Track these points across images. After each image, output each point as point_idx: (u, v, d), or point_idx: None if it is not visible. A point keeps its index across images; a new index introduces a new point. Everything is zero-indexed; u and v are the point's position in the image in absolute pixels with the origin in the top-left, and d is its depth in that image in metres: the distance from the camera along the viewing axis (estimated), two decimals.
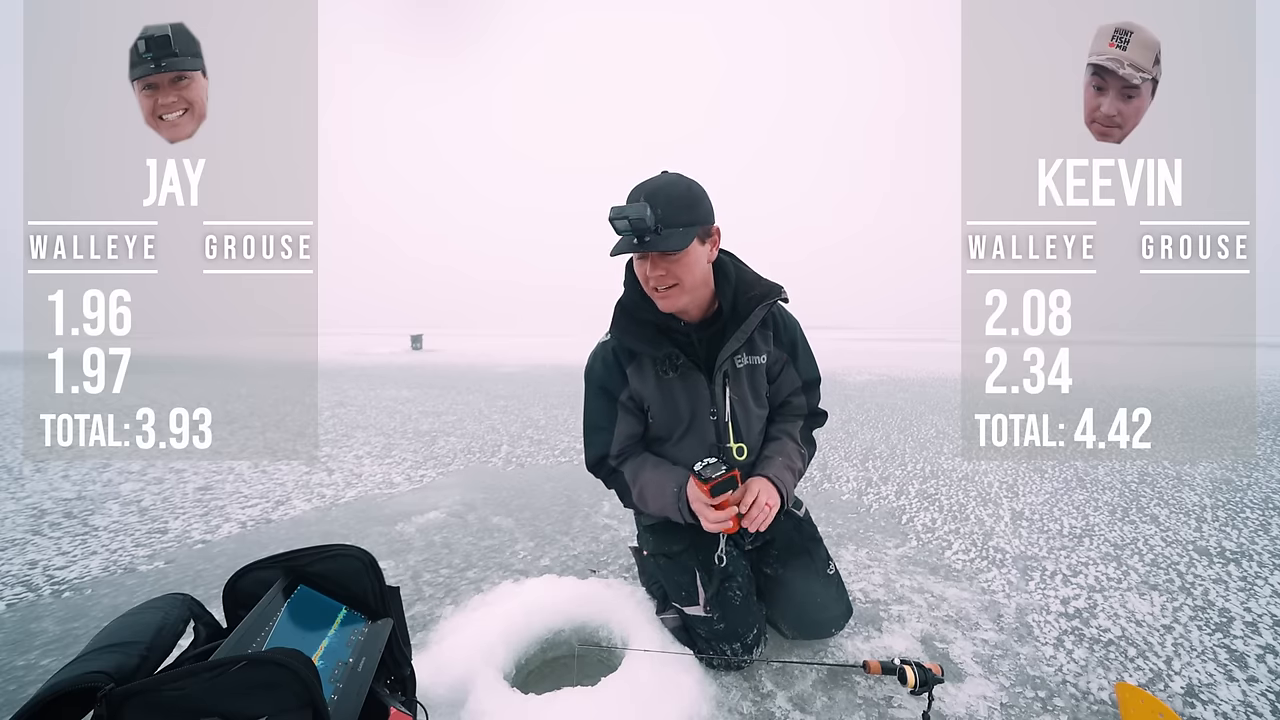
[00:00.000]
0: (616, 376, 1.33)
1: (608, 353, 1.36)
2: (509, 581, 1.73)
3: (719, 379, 1.28)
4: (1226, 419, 4.84)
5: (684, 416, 1.31)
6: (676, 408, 1.30)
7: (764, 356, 1.34)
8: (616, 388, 1.34)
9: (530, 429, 4.49)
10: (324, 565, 1.03)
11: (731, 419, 1.31)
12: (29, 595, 1.76)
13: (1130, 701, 1.19)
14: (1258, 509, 2.50)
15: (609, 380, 1.34)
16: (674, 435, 1.33)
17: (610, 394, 1.34)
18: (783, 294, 1.29)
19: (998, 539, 2.16)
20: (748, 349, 1.32)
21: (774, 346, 1.36)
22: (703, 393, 1.29)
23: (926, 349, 17.97)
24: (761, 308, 1.26)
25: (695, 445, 1.32)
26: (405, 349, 19.29)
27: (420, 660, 1.23)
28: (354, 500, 2.71)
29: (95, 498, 2.75)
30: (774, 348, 1.36)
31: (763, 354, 1.34)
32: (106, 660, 0.75)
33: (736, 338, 1.25)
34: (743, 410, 1.33)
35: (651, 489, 1.28)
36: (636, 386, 1.32)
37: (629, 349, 1.32)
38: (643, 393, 1.32)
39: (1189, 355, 14.83)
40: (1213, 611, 1.62)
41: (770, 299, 1.27)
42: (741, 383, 1.32)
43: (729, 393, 1.30)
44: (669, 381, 1.29)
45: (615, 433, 1.34)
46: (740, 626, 1.30)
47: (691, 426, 1.31)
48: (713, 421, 1.30)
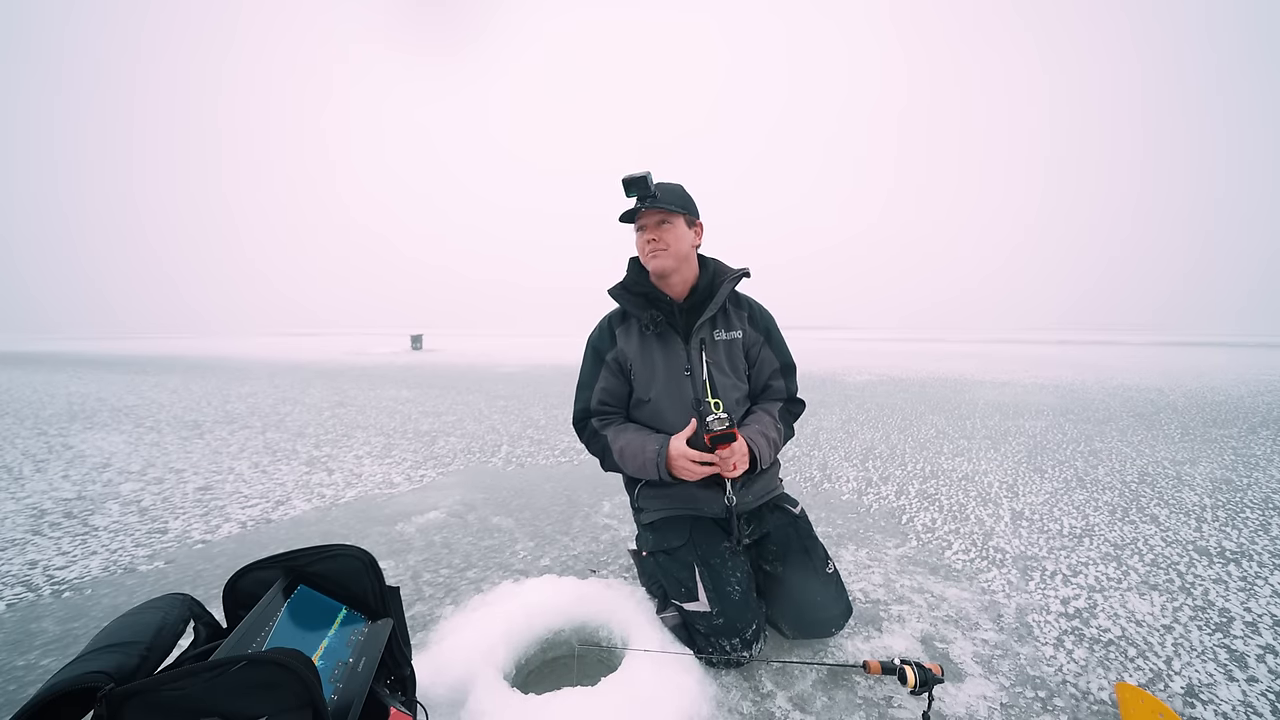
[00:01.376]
0: (607, 338, 1.55)
1: (604, 321, 1.60)
2: (509, 581, 1.73)
3: (695, 343, 1.46)
4: (1226, 419, 4.84)
5: (659, 374, 1.47)
6: (654, 364, 1.48)
7: (739, 333, 1.52)
8: (605, 348, 1.54)
9: (530, 429, 4.49)
10: (324, 565, 1.03)
11: (709, 380, 1.46)
12: (29, 595, 1.76)
13: (1130, 701, 1.19)
14: (1258, 509, 2.50)
15: (600, 342, 1.56)
16: (652, 392, 1.47)
17: (599, 353, 1.55)
18: (748, 272, 1.54)
19: (998, 539, 2.16)
20: (723, 324, 1.52)
21: (749, 326, 1.55)
22: (679, 353, 1.46)
23: (925, 349, 17.97)
24: (730, 281, 1.49)
25: (673, 401, 1.46)
26: (405, 349, 19.30)
27: (420, 660, 1.23)
28: (354, 500, 2.71)
29: (95, 498, 2.75)
30: (749, 327, 1.55)
31: (737, 330, 1.52)
32: (106, 660, 0.75)
33: (710, 307, 1.45)
34: (719, 374, 1.48)
35: (632, 449, 1.42)
36: (622, 346, 1.51)
37: (622, 312, 1.56)
38: (627, 351, 1.51)
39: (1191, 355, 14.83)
40: (1213, 611, 1.62)
41: (738, 275, 1.52)
42: (719, 352, 1.49)
43: (705, 356, 1.47)
44: (649, 340, 1.49)
45: (595, 387, 1.54)
46: (739, 621, 1.30)
47: (668, 383, 1.46)
48: (688, 377, 1.45)
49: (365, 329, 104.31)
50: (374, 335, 47.12)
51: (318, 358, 14.88)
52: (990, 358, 13.30)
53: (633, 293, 1.52)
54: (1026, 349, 17.99)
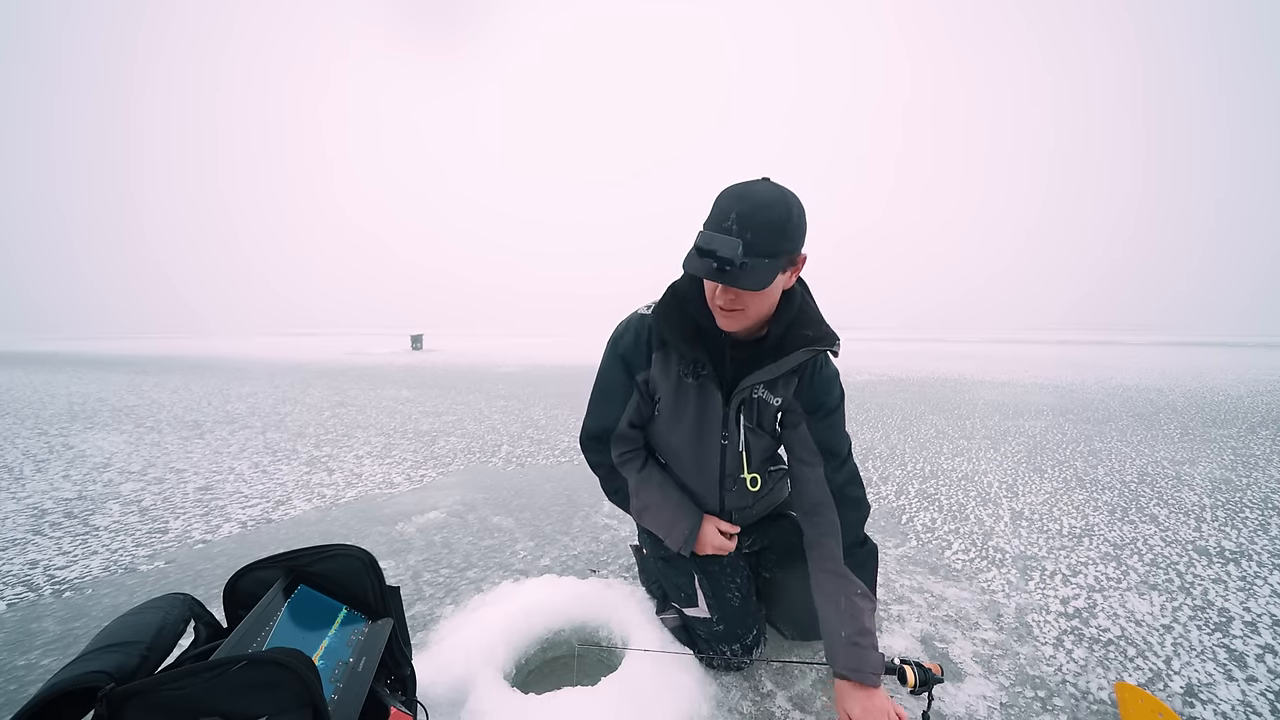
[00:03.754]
0: (643, 353, 1.24)
1: (643, 327, 1.24)
2: (509, 581, 1.73)
3: (735, 402, 1.20)
4: (1226, 419, 4.84)
5: (689, 430, 1.24)
6: (686, 417, 1.24)
7: (780, 399, 1.23)
8: (638, 365, 1.25)
9: (530, 429, 4.49)
10: (324, 565, 1.03)
11: (745, 448, 1.24)
12: (29, 595, 1.76)
13: (1130, 701, 1.19)
14: (1257, 509, 2.50)
15: (634, 355, 1.25)
16: (675, 439, 1.28)
17: (630, 369, 1.26)
18: (836, 344, 1.15)
19: (997, 539, 2.16)
20: (769, 387, 1.22)
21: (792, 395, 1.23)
22: (716, 412, 1.21)
23: (926, 349, 17.97)
24: (806, 350, 1.12)
25: (695, 455, 1.27)
26: (405, 349, 19.30)
27: (420, 660, 1.23)
28: (354, 500, 2.71)
29: (96, 498, 2.76)
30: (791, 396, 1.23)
31: (780, 396, 1.23)
32: (107, 660, 0.75)
33: (769, 370, 1.14)
34: (754, 438, 1.25)
35: (656, 515, 1.28)
36: (656, 374, 1.24)
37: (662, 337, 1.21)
38: (659, 382, 1.24)
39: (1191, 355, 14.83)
40: (1212, 611, 1.62)
41: (821, 345, 1.13)
42: (754, 412, 1.24)
43: (742, 420, 1.22)
44: (686, 386, 1.22)
45: (624, 412, 1.27)
46: (739, 628, 1.30)
47: (696, 442, 1.25)
48: (723, 445, 1.24)
49: (364, 329, 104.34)
50: (373, 335, 47.12)
51: (318, 358, 14.87)
52: (990, 358, 13.30)
53: (684, 312, 1.18)
54: (1026, 349, 17.99)
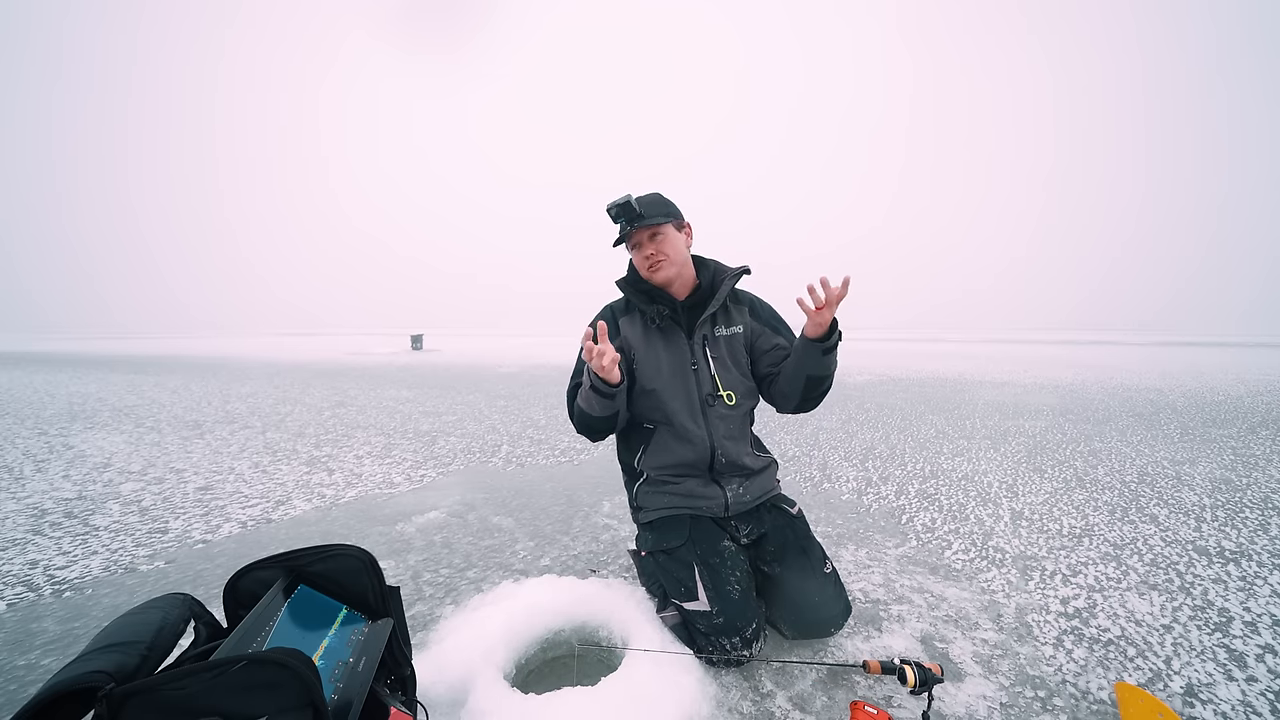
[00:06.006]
0: (611, 325, 1.56)
1: (607, 310, 1.61)
2: (509, 581, 1.73)
3: (698, 339, 1.51)
4: (1226, 419, 4.84)
5: (664, 367, 1.50)
6: (658, 357, 1.51)
7: (739, 328, 1.55)
8: (610, 334, 1.53)
9: (530, 429, 4.49)
10: (324, 565, 1.03)
11: (714, 372, 1.51)
12: (30, 595, 1.76)
13: (1130, 701, 1.19)
14: (1257, 509, 2.50)
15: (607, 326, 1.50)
16: (656, 384, 1.49)
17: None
18: (748, 269, 1.57)
19: (997, 539, 2.16)
20: (724, 320, 1.55)
21: (750, 319, 1.58)
22: (682, 348, 1.51)
23: (926, 349, 17.97)
24: (730, 279, 1.52)
25: (676, 393, 1.50)
26: (405, 349, 19.30)
27: (420, 660, 1.23)
28: (354, 500, 2.71)
29: (96, 498, 2.76)
30: (750, 320, 1.58)
31: (738, 325, 1.55)
32: (107, 660, 0.75)
33: (712, 304, 1.50)
34: (723, 370, 1.52)
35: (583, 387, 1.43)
36: (626, 333, 1.53)
37: (625, 302, 1.58)
38: (631, 340, 1.53)
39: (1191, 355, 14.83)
40: (1212, 611, 1.62)
41: (738, 272, 1.55)
42: (720, 348, 1.53)
43: (708, 351, 1.52)
44: (653, 333, 1.52)
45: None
46: (739, 620, 1.30)
47: (672, 376, 1.50)
48: (693, 371, 1.50)
49: (364, 330, 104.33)
50: (374, 336, 47.12)
51: (318, 358, 14.88)
52: (990, 358, 13.30)
53: (638, 287, 1.55)
54: (1027, 349, 17.98)
